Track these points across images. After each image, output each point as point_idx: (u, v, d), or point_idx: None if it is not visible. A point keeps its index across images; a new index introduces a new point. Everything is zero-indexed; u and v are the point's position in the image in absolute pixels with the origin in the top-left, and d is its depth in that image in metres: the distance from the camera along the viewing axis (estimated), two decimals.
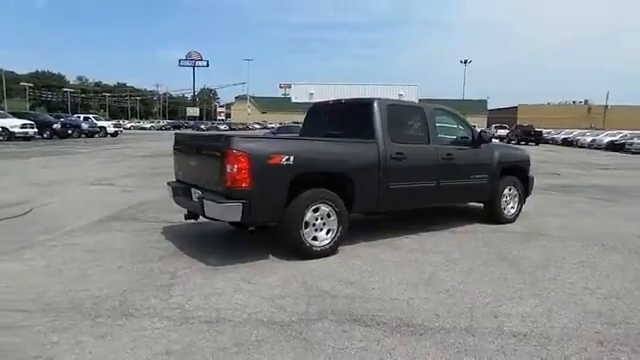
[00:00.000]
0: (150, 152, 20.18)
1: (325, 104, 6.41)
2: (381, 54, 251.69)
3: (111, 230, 5.90)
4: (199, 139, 5.30)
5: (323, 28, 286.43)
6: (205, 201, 4.43)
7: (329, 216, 4.82)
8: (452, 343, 2.93)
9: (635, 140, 28.76)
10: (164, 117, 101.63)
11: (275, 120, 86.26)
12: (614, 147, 30.52)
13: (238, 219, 4.30)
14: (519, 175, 6.88)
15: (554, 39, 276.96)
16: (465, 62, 64.76)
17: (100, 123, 36.59)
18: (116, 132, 37.23)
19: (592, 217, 7.38)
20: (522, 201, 6.95)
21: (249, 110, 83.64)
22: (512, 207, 6.80)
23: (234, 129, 62.57)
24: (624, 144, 29.48)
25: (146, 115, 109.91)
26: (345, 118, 5.83)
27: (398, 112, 5.62)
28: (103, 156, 17.59)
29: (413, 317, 3.34)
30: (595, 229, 6.44)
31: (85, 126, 33.00)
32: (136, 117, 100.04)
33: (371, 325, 3.19)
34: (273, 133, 21.41)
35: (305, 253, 4.68)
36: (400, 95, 34.78)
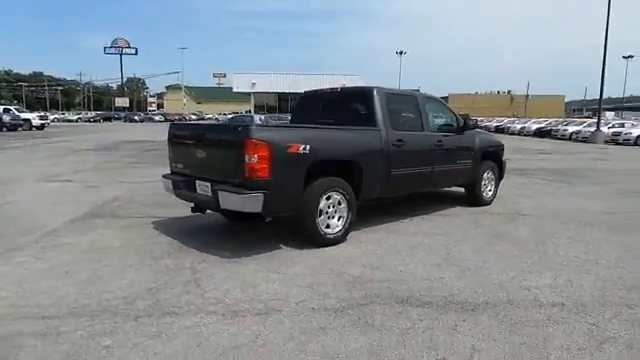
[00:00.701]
0: (92, 145, 18.89)
1: (320, 92, 6.39)
2: (320, 45, 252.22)
3: (97, 228, 5.53)
4: (208, 129, 5.09)
5: (260, 17, 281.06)
6: (221, 192, 4.29)
7: (340, 204, 4.85)
8: (505, 316, 3.11)
9: (560, 127, 31.36)
10: (88, 108, 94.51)
11: (211, 111, 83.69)
12: (541, 134, 33.07)
13: (259, 210, 4.21)
14: (495, 160, 7.31)
15: (479, 34, 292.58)
16: (401, 53, 66.58)
17: (23, 115, 33.59)
18: (42, 125, 34.21)
19: (555, 197, 8.01)
20: (497, 184, 7.39)
21: (184, 100, 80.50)
22: (490, 190, 7.21)
23: (171, 120, 59.95)
24: (550, 131, 32.03)
25: (67, 106, 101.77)
26: (342, 107, 5.85)
27: (395, 100, 5.74)
28: (42, 151, 16.22)
29: (455, 295, 3.49)
30: (564, 207, 7.00)
31: (7, 118, 30.19)
32: (56, 108, 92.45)
33: (421, 305, 3.30)
34: None
35: (319, 241, 4.70)
36: (344, 84, 35.10)
